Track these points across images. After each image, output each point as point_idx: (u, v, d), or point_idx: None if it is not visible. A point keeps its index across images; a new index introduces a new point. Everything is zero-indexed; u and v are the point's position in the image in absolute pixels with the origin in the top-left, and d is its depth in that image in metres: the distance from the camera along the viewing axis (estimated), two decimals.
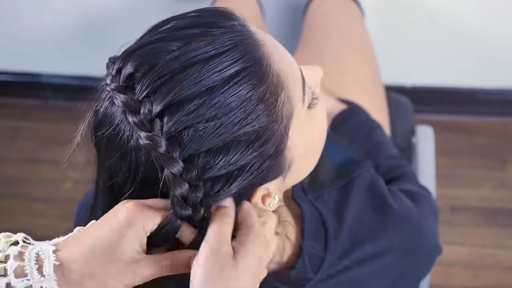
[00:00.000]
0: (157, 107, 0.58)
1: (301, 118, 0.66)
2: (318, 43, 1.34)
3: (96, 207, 0.68)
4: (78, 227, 0.63)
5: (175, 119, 0.58)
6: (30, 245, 0.59)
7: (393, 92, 1.42)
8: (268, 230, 0.67)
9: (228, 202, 0.62)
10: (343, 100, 1.18)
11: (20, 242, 0.60)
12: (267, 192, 0.65)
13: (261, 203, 0.65)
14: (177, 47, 0.60)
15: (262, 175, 0.63)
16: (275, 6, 1.76)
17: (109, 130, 0.61)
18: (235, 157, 0.60)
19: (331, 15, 1.41)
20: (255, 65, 0.60)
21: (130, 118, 0.59)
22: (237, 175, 0.61)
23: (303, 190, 0.81)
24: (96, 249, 0.58)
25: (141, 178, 0.61)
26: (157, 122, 0.58)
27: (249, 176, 0.61)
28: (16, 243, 0.59)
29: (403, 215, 0.83)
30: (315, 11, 1.43)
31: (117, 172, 0.63)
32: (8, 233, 0.61)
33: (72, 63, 2.03)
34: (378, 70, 1.34)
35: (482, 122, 1.96)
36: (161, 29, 0.63)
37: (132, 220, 0.59)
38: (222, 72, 0.59)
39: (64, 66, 2.05)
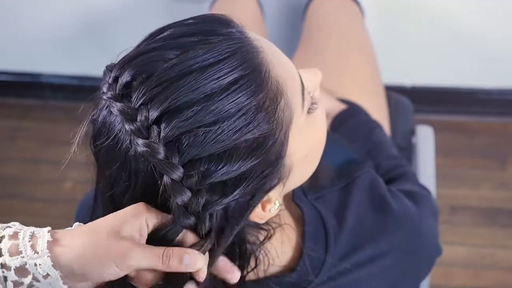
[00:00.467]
0: (154, 114, 0.58)
1: (301, 124, 0.65)
2: (318, 43, 1.34)
3: (96, 216, 0.67)
4: (78, 222, 0.63)
5: (173, 125, 0.57)
6: (26, 227, 0.60)
7: (393, 92, 1.42)
8: None
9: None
10: (343, 100, 1.18)
11: (16, 226, 0.60)
12: (268, 198, 0.65)
13: (261, 210, 0.65)
14: (175, 56, 0.59)
15: (263, 182, 0.62)
16: (275, 6, 1.76)
17: (108, 140, 0.61)
18: (236, 164, 0.59)
19: (331, 15, 1.41)
20: (254, 72, 0.60)
21: (127, 126, 0.58)
22: (238, 183, 0.60)
23: (303, 192, 0.81)
24: (96, 236, 0.58)
25: (142, 187, 0.61)
26: (154, 129, 0.58)
27: (250, 183, 0.61)
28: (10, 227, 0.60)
29: (403, 216, 0.83)
30: (315, 11, 1.43)
31: (117, 182, 0.62)
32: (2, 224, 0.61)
33: (72, 63, 2.03)
34: (378, 70, 1.34)
35: (482, 122, 1.96)
36: (158, 37, 0.62)
37: (137, 212, 0.60)
38: (220, 80, 0.58)
39: (64, 66, 2.05)
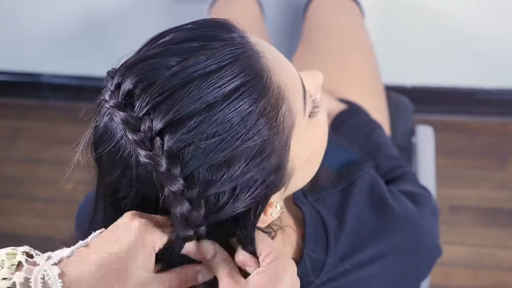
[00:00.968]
0: (158, 125, 0.57)
1: (302, 128, 0.65)
2: (318, 43, 1.34)
3: (96, 220, 0.67)
4: (80, 242, 0.60)
5: (176, 138, 0.57)
6: (35, 268, 0.56)
7: (393, 92, 1.42)
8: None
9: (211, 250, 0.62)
10: (343, 100, 1.18)
11: (24, 263, 0.56)
12: (269, 202, 0.64)
13: (263, 214, 0.65)
14: (177, 62, 0.59)
15: (265, 189, 0.62)
16: (275, 6, 1.76)
17: (110, 147, 0.60)
18: (237, 173, 0.59)
19: (331, 15, 1.41)
20: (255, 79, 0.60)
21: (130, 136, 0.58)
22: (240, 191, 0.60)
23: (304, 193, 0.80)
24: (105, 270, 0.56)
25: (142, 194, 0.61)
26: (158, 141, 0.57)
27: (252, 191, 0.60)
28: (20, 264, 0.56)
29: (404, 216, 0.83)
30: (315, 11, 1.43)
31: (118, 188, 0.62)
32: (11, 250, 0.57)
33: (72, 63, 2.03)
34: (378, 70, 1.34)
35: (482, 122, 1.96)
36: (160, 42, 0.62)
37: (143, 241, 0.58)
38: (222, 88, 0.58)
39: (64, 66, 2.05)
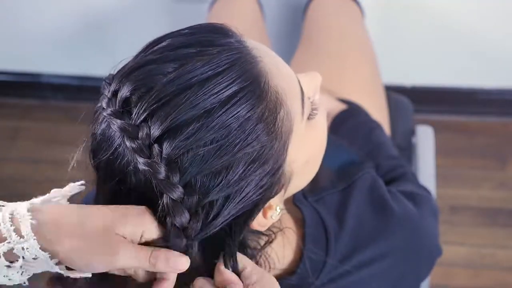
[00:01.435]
0: (155, 132, 0.57)
1: (301, 131, 0.65)
2: (318, 43, 1.34)
3: None
4: (55, 189, 0.62)
5: (174, 144, 0.57)
6: (3, 207, 0.58)
7: (393, 92, 1.42)
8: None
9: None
10: (343, 100, 1.18)
11: None
12: (269, 205, 0.65)
13: (262, 217, 0.65)
14: (173, 69, 0.59)
15: (263, 193, 0.62)
16: (275, 6, 1.76)
17: (108, 155, 0.60)
18: (236, 178, 0.59)
19: (331, 15, 1.41)
20: (253, 84, 0.59)
21: (128, 144, 0.58)
22: (238, 196, 0.60)
23: (304, 194, 0.80)
24: (90, 218, 0.57)
25: (141, 202, 0.60)
26: (156, 148, 0.57)
27: (250, 195, 0.60)
28: None
29: (403, 217, 0.83)
30: (315, 11, 1.43)
31: (117, 196, 0.62)
32: None
33: (72, 63, 2.03)
34: (378, 70, 1.34)
35: (482, 122, 1.96)
36: (156, 48, 0.61)
37: (140, 222, 0.58)
38: (220, 94, 0.58)
39: (64, 66, 2.05)
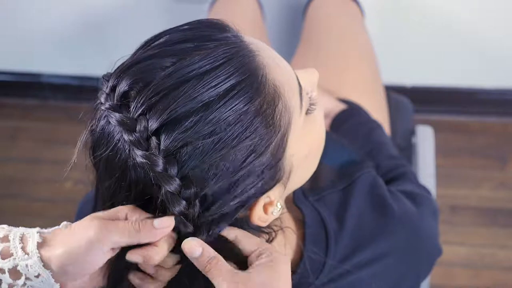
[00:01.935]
0: (153, 125, 0.57)
1: (300, 125, 0.65)
2: (318, 43, 1.34)
3: None
4: (65, 222, 0.63)
5: (173, 137, 0.57)
6: (16, 228, 0.61)
7: (393, 92, 1.42)
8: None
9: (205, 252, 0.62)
10: (343, 100, 1.18)
11: (5, 228, 0.61)
12: (269, 201, 0.65)
13: (263, 213, 0.65)
14: (171, 63, 0.59)
15: (262, 185, 0.62)
16: (275, 6, 1.76)
17: (107, 151, 0.60)
18: (234, 171, 0.59)
19: (331, 15, 1.41)
20: (251, 77, 0.60)
21: (126, 137, 0.58)
22: (238, 188, 0.60)
23: (304, 194, 0.80)
24: (82, 230, 0.59)
25: (141, 197, 0.61)
26: (154, 140, 0.57)
27: (249, 188, 0.61)
28: None
29: (404, 217, 0.83)
30: (315, 11, 1.43)
31: (117, 191, 0.62)
32: None
33: (72, 63, 2.03)
34: (378, 70, 1.34)
35: (482, 122, 1.96)
36: (154, 44, 0.62)
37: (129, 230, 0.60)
38: (218, 87, 0.58)
39: (64, 66, 2.05)
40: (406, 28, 1.81)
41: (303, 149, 0.67)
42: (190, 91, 0.58)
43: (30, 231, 0.60)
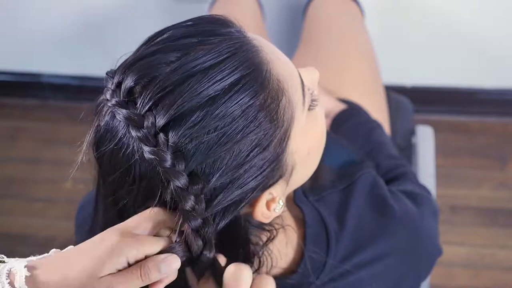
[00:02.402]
0: (161, 121, 0.58)
1: (302, 121, 0.66)
2: (318, 43, 1.34)
3: (97, 220, 0.68)
4: (54, 250, 0.62)
5: (180, 133, 0.57)
6: (3, 263, 0.59)
7: (393, 92, 1.42)
8: None
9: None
10: (343, 100, 1.18)
11: None
12: (272, 198, 0.65)
13: (266, 209, 0.65)
14: (176, 58, 0.59)
15: (265, 180, 0.62)
16: (275, 6, 1.76)
17: (112, 145, 0.60)
18: (237, 164, 0.59)
19: (331, 15, 1.41)
20: (255, 72, 0.60)
21: (134, 133, 0.58)
22: (241, 182, 0.60)
23: (304, 194, 0.81)
24: (73, 267, 0.58)
25: (145, 191, 0.61)
26: (162, 136, 0.58)
27: (252, 181, 0.61)
28: None
29: (404, 217, 0.83)
30: (315, 11, 1.43)
31: (121, 186, 0.62)
32: None
33: (72, 63, 2.03)
34: (378, 70, 1.34)
35: (482, 122, 1.96)
36: (158, 40, 0.62)
37: (116, 250, 0.58)
38: (223, 81, 0.58)
39: (64, 66, 2.05)
40: (406, 28, 1.81)
41: (305, 146, 0.67)
42: (196, 86, 0.58)
43: (18, 265, 0.58)
